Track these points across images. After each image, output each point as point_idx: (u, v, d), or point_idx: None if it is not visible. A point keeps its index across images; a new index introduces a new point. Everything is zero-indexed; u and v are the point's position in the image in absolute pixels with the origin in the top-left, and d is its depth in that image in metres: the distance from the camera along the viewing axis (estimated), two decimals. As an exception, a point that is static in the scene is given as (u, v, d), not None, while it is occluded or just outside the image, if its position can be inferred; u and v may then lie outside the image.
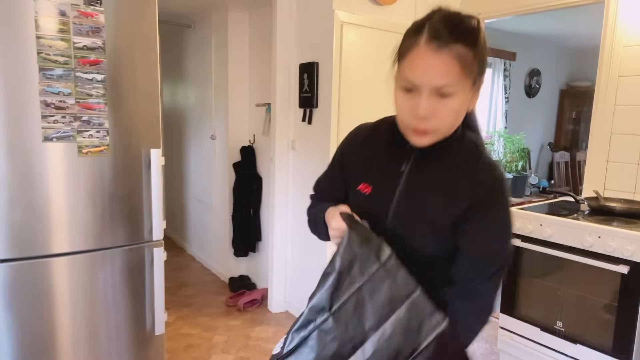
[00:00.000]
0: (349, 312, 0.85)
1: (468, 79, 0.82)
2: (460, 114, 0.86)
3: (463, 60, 0.80)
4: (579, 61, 5.78)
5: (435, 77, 0.80)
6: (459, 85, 0.81)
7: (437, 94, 0.81)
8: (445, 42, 0.78)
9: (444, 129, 0.87)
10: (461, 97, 0.83)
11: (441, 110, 0.83)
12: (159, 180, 1.83)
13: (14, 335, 1.63)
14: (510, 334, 2.29)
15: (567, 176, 5.59)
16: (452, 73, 0.80)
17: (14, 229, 1.59)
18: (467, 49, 0.80)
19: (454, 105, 0.83)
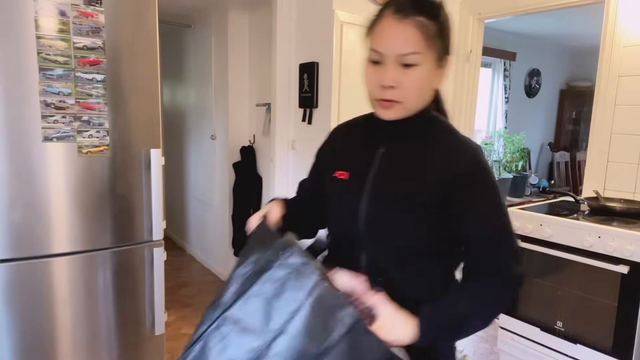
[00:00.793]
0: (248, 311, 0.78)
1: (431, 51, 0.85)
2: (424, 87, 0.89)
3: (425, 31, 0.84)
4: (579, 61, 5.78)
5: (398, 45, 0.84)
6: (423, 56, 0.84)
7: (401, 63, 0.85)
8: (407, 13, 0.84)
9: (410, 101, 0.88)
10: (425, 70, 0.86)
11: (405, 81, 0.85)
12: (159, 180, 1.83)
13: (14, 335, 1.63)
14: (510, 334, 2.29)
15: (567, 176, 5.59)
16: (414, 41, 0.84)
17: (14, 229, 1.59)
18: (430, 21, 0.84)
19: (418, 77, 0.85)
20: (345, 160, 1.00)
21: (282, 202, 1.03)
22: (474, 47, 3.16)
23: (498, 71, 5.11)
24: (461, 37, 3.15)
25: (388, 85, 0.86)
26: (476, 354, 2.64)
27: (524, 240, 2.18)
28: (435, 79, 0.90)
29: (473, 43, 3.15)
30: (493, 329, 2.85)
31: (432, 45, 0.85)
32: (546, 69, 5.59)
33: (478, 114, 3.66)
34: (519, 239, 2.19)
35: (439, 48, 0.87)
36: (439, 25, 0.86)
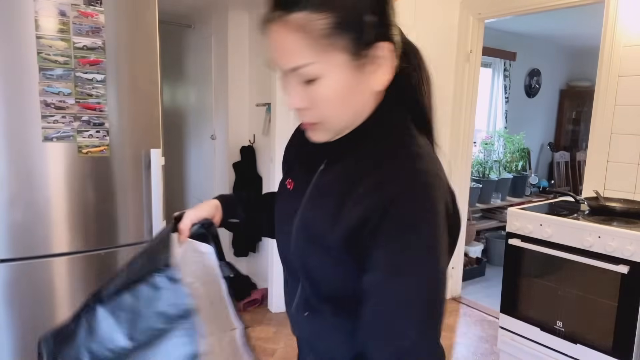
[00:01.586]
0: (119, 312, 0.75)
1: (333, 54, 0.62)
2: (346, 99, 0.66)
3: (311, 32, 0.60)
4: (579, 61, 5.78)
5: (283, 58, 0.64)
6: (318, 66, 0.62)
7: (301, 79, 0.64)
8: (286, 12, 0.61)
9: (330, 121, 0.68)
10: (334, 79, 0.63)
11: (315, 99, 0.65)
12: (159, 180, 1.83)
13: (14, 335, 1.63)
14: (510, 334, 2.29)
15: (567, 176, 5.59)
16: (299, 51, 0.62)
17: (14, 229, 1.59)
18: (315, 14, 0.60)
19: (328, 90, 0.64)
20: (295, 168, 0.83)
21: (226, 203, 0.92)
22: (474, 47, 3.16)
23: (498, 71, 5.11)
24: (461, 37, 3.15)
25: (295, 108, 0.67)
26: (476, 354, 2.64)
27: (524, 240, 2.18)
28: (363, 82, 0.65)
29: (473, 43, 3.15)
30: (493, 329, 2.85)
31: (331, 46, 0.61)
32: (546, 69, 5.59)
33: (478, 114, 3.66)
34: (519, 239, 2.19)
35: (348, 43, 0.62)
36: (336, 13, 0.61)
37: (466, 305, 3.33)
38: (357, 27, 0.62)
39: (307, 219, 0.72)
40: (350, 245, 0.65)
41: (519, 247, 2.20)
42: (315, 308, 0.76)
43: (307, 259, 0.73)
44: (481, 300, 3.41)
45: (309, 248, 0.72)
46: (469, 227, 3.70)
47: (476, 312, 3.22)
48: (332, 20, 0.61)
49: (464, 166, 3.30)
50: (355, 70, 0.64)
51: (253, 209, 0.96)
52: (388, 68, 0.66)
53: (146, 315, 0.73)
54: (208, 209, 0.88)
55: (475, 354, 2.64)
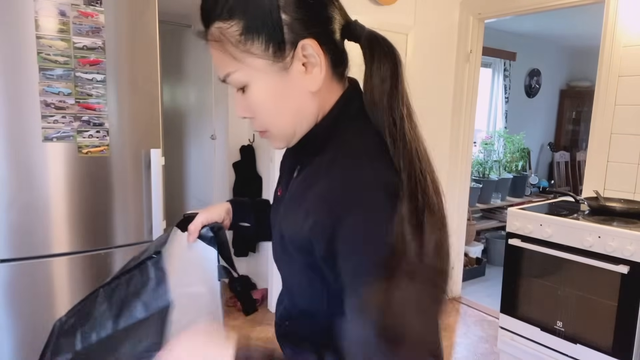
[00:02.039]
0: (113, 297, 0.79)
1: (250, 60, 0.62)
2: (277, 103, 0.65)
3: (225, 42, 0.62)
4: (579, 61, 5.78)
5: (216, 70, 0.66)
6: (242, 73, 0.63)
7: (236, 88, 0.66)
8: (206, 26, 0.65)
9: (275, 127, 0.67)
10: (259, 85, 0.63)
11: (251, 106, 0.65)
12: (159, 180, 1.83)
13: (14, 335, 1.63)
14: (510, 334, 2.29)
15: (567, 176, 5.59)
16: (222, 62, 0.63)
17: (14, 229, 1.59)
18: (225, 23, 0.62)
19: (257, 96, 0.64)
20: (283, 175, 0.82)
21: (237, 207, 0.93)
22: (474, 47, 3.16)
23: (498, 71, 5.11)
24: (461, 37, 3.15)
25: (241, 117, 0.68)
26: (476, 354, 2.64)
27: (524, 240, 2.19)
28: (294, 84, 0.63)
29: (473, 43, 3.15)
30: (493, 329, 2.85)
31: (246, 52, 0.61)
32: (546, 69, 5.59)
33: (478, 114, 3.66)
34: (519, 239, 2.19)
35: (262, 46, 0.61)
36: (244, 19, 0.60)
37: (466, 305, 3.33)
38: (268, 29, 0.60)
39: (281, 225, 0.70)
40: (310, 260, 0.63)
41: (519, 247, 2.20)
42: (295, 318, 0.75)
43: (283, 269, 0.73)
44: (481, 300, 3.40)
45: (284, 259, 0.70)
46: (469, 227, 3.70)
47: (476, 312, 3.22)
48: (242, 26, 0.60)
49: (464, 166, 3.30)
50: (279, 73, 0.62)
51: (264, 214, 0.95)
52: (319, 68, 0.63)
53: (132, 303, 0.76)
54: (219, 212, 0.89)
55: (475, 354, 2.64)
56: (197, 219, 0.86)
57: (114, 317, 0.76)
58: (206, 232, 0.87)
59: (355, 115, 0.67)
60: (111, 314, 0.77)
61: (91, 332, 0.76)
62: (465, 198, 3.40)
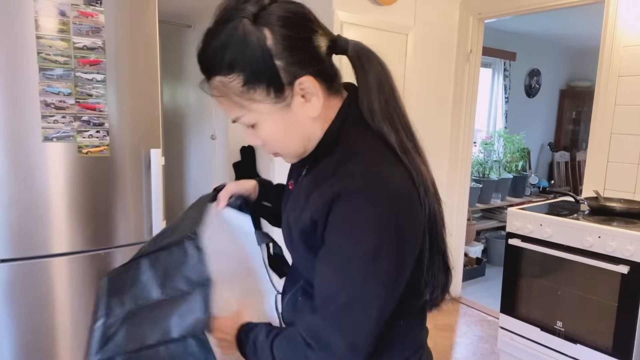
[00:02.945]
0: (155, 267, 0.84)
1: (255, 105, 0.69)
2: (287, 135, 0.72)
3: (229, 93, 0.68)
4: (579, 61, 5.78)
5: (225, 113, 0.73)
6: (250, 116, 0.70)
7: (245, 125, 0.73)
8: (208, 78, 0.71)
9: (286, 151, 0.75)
10: (268, 123, 0.70)
11: (263, 139, 0.74)
12: (159, 180, 1.83)
13: (14, 335, 1.63)
14: (510, 334, 2.29)
15: (567, 176, 5.60)
16: (229, 108, 0.71)
17: (14, 229, 1.59)
18: (226, 77, 0.67)
19: (267, 133, 0.72)
20: (294, 170, 0.88)
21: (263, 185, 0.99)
22: (474, 47, 3.16)
23: (498, 71, 5.11)
24: (461, 37, 3.15)
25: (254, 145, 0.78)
26: (476, 354, 2.64)
27: (524, 240, 2.19)
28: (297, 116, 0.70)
29: (473, 43, 3.15)
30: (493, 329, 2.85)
31: (250, 99, 0.68)
32: (546, 69, 5.59)
33: (478, 114, 3.66)
34: (519, 239, 2.19)
35: (264, 92, 0.67)
36: (242, 72, 0.66)
37: (466, 305, 3.33)
38: (267, 76, 0.66)
39: (288, 218, 0.79)
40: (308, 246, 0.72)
41: (519, 247, 2.20)
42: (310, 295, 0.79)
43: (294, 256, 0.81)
44: (481, 300, 3.40)
45: (294, 246, 0.78)
46: (469, 227, 3.70)
47: (476, 312, 3.22)
48: (242, 79, 0.67)
49: (464, 166, 3.30)
50: (283, 110, 0.69)
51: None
52: (316, 96, 0.70)
53: (175, 275, 0.82)
54: (247, 186, 0.96)
55: (475, 354, 2.64)
56: (227, 187, 0.93)
57: (159, 286, 0.82)
58: (235, 201, 0.92)
59: (356, 120, 0.73)
60: (156, 282, 0.82)
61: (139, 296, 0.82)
62: (465, 198, 3.40)
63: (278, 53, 0.66)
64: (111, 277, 0.87)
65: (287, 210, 0.81)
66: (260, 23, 0.66)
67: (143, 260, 0.85)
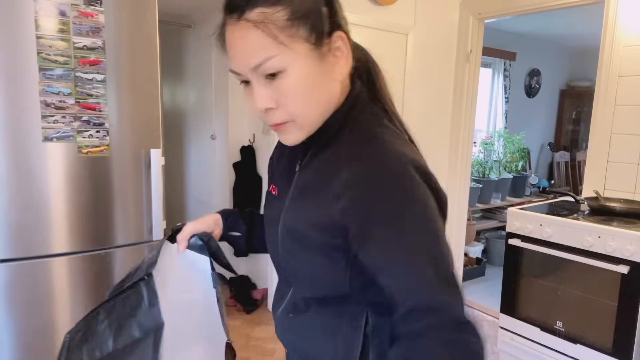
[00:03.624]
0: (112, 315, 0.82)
1: (295, 44, 0.63)
2: (312, 90, 0.66)
3: (270, 26, 0.62)
4: (579, 61, 5.78)
5: (245, 57, 0.64)
6: (282, 57, 0.63)
7: (264, 76, 0.65)
8: (241, 11, 0.63)
9: (301, 117, 0.67)
10: (299, 71, 0.64)
11: (280, 95, 0.65)
12: (159, 180, 1.83)
13: (14, 335, 1.63)
14: (510, 334, 2.29)
15: (567, 176, 5.59)
16: (261, 46, 0.63)
17: (14, 229, 1.59)
18: (272, 8, 0.62)
19: (292, 84, 0.64)
20: (277, 173, 0.84)
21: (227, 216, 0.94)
22: (474, 47, 3.16)
23: (498, 71, 5.11)
24: (461, 37, 3.15)
25: (263, 109, 0.66)
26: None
27: (524, 240, 2.18)
28: (329, 72, 0.67)
29: (473, 43, 3.15)
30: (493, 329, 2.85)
31: (291, 37, 0.63)
32: (546, 69, 5.59)
33: (478, 114, 3.66)
34: (519, 239, 2.19)
35: (307, 33, 0.64)
36: (290, 5, 0.63)
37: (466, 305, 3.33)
38: (313, 17, 0.65)
39: (290, 220, 0.73)
40: (336, 242, 0.67)
41: (519, 247, 2.20)
42: (301, 310, 0.78)
43: (295, 260, 0.74)
44: (481, 300, 3.40)
45: (296, 249, 0.72)
46: (469, 227, 3.70)
47: (476, 312, 3.22)
48: (289, 11, 0.63)
49: (464, 166, 3.30)
50: (317, 60, 0.66)
51: (255, 223, 0.97)
52: (346, 58, 0.69)
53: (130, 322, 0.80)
54: (208, 222, 0.90)
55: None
56: (185, 228, 0.87)
57: (113, 336, 0.80)
58: (195, 241, 0.87)
59: (366, 106, 0.72)
60: (111, 332, 0.80)
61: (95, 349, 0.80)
62: (465, 198, 3.40)
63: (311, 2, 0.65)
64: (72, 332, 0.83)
65: (280, 215, 0.75)
66: None
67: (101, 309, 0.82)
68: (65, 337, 0.82)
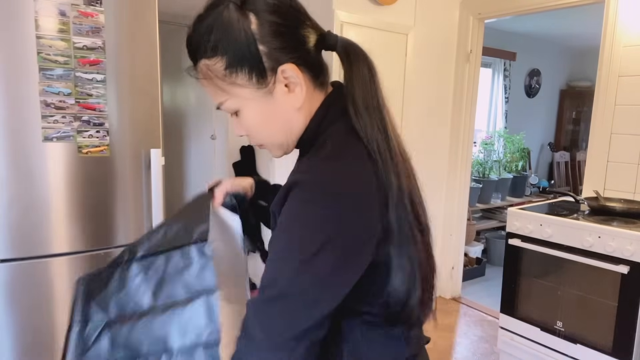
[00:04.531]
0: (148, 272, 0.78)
1: (237, 90, 0.69)
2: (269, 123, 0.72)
3: (212, 76, 0.69)
4: (579, 61, 5.78)
5: (211, 98, 0.73)
6: (231, 101, 0.70)
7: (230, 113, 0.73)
8: (194, 62, 0.71)
9: (269, 142, 0.75)
10: (250, 110, 0.70)
11: (245, 127, 0.73)
12: (159, 180, 1.83)
13: (14, 335, 1.63)
14: (510, 334, 2.29)
15: (567, 176, 5.60)
16: (213, 93, 0.71)
17: (14, 229, 1.59)
18: (212, 60, 0.68)
19: (249, 119, 0.71)
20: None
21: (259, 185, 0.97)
22: (474, 47, 3.16)
23: (498, 71, 5.11)
24: (461, 37, 3.15)
25: (239, 135, 0.76)
26: (476, 354, 2.64)
27: (524, 240, 2.18)
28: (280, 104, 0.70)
29: (473, 43, 3.15)
30: (493, 329, 2.85)
31: (232, 84, 0.68)
32: (546, 69, 5.59)
33: (478, 114, 3.66)
34: (519, 239, 2.19)
35: (246, 77, 0.68)
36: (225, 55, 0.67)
37: (466, 305, 3.33)
38: (249, 61, 0.67)
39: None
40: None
41: (519, 247, 2.20)
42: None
43: None
44: (481, 300, 3.41)
45: None
46: (469, 227, 3.70)
47: (476, 312, 3.22)
48: (225, 62, 0.67)
49: (464, 166, 3.30)
50: (265, 97, 0.69)
51: None
52: (300, 86, 0.70)
53: (173, 282, 0.76)
54: (244, 184, 0.94)
55: (475, 354, 2.64)
56: (223, 185, 0.91)
57: (152, 293, 0.76)
58: (229, 200, 0.89)
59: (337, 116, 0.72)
60: (149, 289, 0.76)
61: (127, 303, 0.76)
62: (465, 198, 3.40)
63: (262, 38, 0.66)
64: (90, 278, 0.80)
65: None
66: (246, 8, 0.67)
67: (134, 264, 0.78)
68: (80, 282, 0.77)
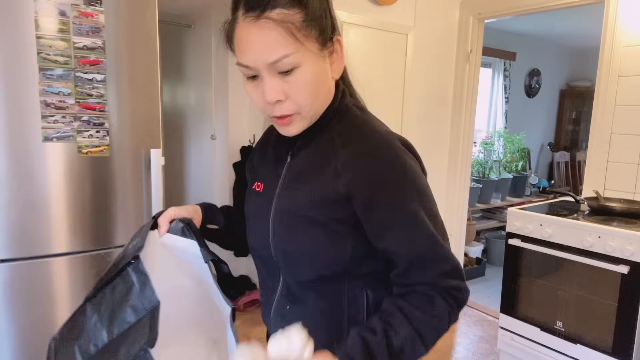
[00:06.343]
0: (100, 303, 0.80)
1: (308, 43, 0.70)
2: (317, 87, 0.74)
3: (290, 25, 0.68)
4: (579, 61, 5.78)
5: (264, 53, 0.69)
6: (298, 55, 0.69)
7: (277, 71, 0.70)
8: (262, 10, 0.68)
9: (306, 109, 0.74)
10: (310, 67, 0.71)
11: (291, 89, 0.71)
12: (159, 180, 1.83)
13: (14, 335, 1.63)
14: (510, 334, 2.29)
15: (567, 176, 5.59)
16: (281, 44, 0.68)
17: (14, 229, 1.59)
18: (290, 10, 0.68)
19: (303, 79, 0.71)
20: (261, 169, 0.90)
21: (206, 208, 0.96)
22: (474, 47, 3.16)
23: (498, 71, 5.11)
24: (461, 37, 3.15)
25: (273, 101, 0.72)
26: (476, 354, 2.64)
27: (524, 240, 2.18)
28: (329, 70, 0.76)
29: (473, 43, 3.15)
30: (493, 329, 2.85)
31: (306, 37, 0.70)
32: (546, 69, 5.59)
33: (478, 114, 3.66)
34: (519, 239, 2.19)
35: (317, 35, 0.71)
36: (305, 9, 0.70)
37: (466, 305, 3.33)
38: (322, 21, 0.73)
39: (285, 205, 0.80)
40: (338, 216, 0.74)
41: (519, 247, 2.20)
42: (297, 297, 0.82)
43: (294, 242, 0.78)
44: (481, 300, 3.41)
45: (294, 231, 0.78)
46: (469, 227, 3.70)
47: (476, 312, 3.22)
48: (304, 15, 0.70)
49: (464, 166, 3.30)
50: (323, 59, 0.74)
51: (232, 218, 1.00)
52: (342, 58, 0.79)
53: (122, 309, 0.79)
54: (188, 210, 0.91)
55: (475, 354, 2.64)
56: (166, 212, 0.88)
57: (107, 327, 0.78)
58: (176, 224, 0.87)
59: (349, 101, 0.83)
60: (103, 324, 0.78)
61: (88, 345, 0.78)
62: (465, 198, 3.40)
63: (328, 6, 0.75)
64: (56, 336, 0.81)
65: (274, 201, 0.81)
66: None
67: (87, 306, 0.80)
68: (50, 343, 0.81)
